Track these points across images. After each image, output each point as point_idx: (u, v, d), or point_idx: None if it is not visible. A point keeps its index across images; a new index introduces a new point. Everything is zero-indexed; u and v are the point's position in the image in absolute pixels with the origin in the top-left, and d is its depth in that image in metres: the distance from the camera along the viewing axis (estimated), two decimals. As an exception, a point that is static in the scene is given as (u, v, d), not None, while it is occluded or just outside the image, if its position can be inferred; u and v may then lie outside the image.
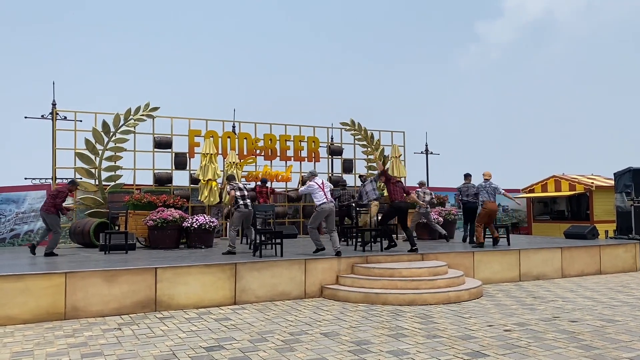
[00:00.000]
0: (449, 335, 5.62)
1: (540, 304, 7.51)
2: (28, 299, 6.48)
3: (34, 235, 12.92)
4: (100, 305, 6.82)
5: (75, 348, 5.21)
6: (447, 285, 8.01)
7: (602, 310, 7.02)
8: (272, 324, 6.27)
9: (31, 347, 5.28)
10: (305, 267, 8.16)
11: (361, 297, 7.65)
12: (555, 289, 9.01)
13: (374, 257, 8.77)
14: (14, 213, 12.71)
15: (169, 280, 7.24)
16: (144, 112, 13.44)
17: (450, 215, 13.32)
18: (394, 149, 16.20)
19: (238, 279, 7.68)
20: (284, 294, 7.95)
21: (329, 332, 5.78)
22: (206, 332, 5.85)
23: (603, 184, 17.75)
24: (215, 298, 7.49)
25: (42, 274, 6.69)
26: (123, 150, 13.25)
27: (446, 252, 9.44)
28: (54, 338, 5.65)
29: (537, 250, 10.34)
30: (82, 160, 12.87)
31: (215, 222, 11.27)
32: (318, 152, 15.73)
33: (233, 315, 6.80)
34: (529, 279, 10.06)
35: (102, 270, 6.98)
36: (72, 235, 11.99)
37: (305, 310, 7.08)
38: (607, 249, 11.29)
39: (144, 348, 5.18)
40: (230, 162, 13.88)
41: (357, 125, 16.21)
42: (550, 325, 6.13)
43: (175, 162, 13.85)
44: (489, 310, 7.03)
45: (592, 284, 9.62)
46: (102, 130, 12.96)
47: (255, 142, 14.83)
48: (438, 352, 4.96)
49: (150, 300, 7.10)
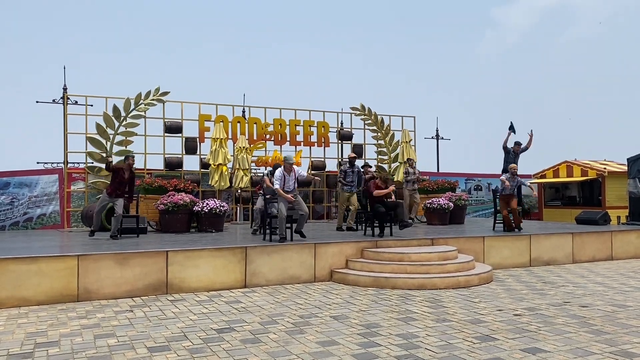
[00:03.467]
0: (458, 319, 5.63)
1: (551, 289, 7.49)
2: (42, 280, 6.57)
3: (47, 219, 13.06)
4: (113, 287, 6.90)
5: (89, 329, 5.28)
6: (457, 270, 8.01)
7: (614, 296, 6.98)
8: (282, 307, 6.31)
9: (45, 328, 5.37)
10: (315, 251, 8.19)
11: (370, 281, 7.67)
12: (566, 274, 8.98)
13: (383, 242, 8.78)
14: (27, 197, 12.83)
15: (180, 263, 7.30)
16: (154, 97, 13.44)
17: (460, 200, 13.26)
18: (404, 133, 16.10)
19: (248, 262, 7.72)
20: (294, 277, 7.99)
21: (339, 316, 5.82)
22: (217, 315, 5.90)
23: (616, 170, 17.55)
24: (226, 281, 7.55)
25: (56, 256, 6.77)
26: (134, 135, 13.28)
27: (456, 237, 9.42)
28: (67, 319, 5.73)
29: (547, 236, 10.29)
30: (93, 145, 12.93)
31: (225, 206, 11.32)
32: (328, 137, 15.68)
33: (243, 298, 6.85)
34: (539, 264, 10.02)
35: (114, 253, 7.05)
36: (84, 218, 12.10)
37: (315, 294, 7.12)
38: (619, 234, 11.20)
39: (156, 329, 5.25)
40: (240, 147, 13.88)
41: (367, 110, 16.11)
42: (561, 310, 6.12)
43: (186, 146, 13.88)
44: (498, 295, 7.02)
45: (604, 269, 9.57)
46: (112, 114, 13.00)
47: (265, 127, 14.80)
48: (447, 336, 4.97)
49: (161, 283, 7.18)
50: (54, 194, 13.15)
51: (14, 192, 12.75)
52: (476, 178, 19.82)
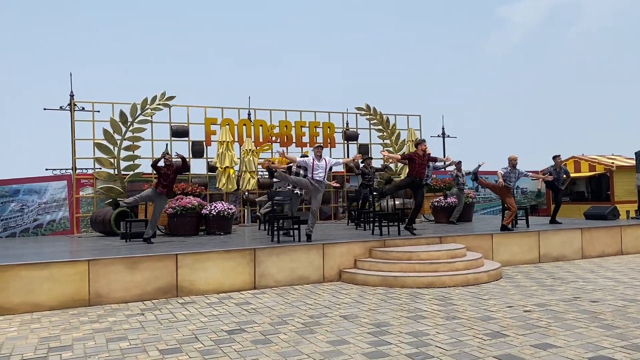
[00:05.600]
0: (468, 317, 5.63)
1: (561, 285, 7.47)
2: (53, 286, 6.63)
3: (56, 225, 13.16)
4: (123, 291, 6.95)
5: (101, 333, 5.33)
6: (466, 268, 8.00)
7: (624, 291, 6.96)
8: (292, 307, 6.34)
9: (58, 332, 5.42)
10: (323, 252, 8.21)
11: (379, 281, 7.68)
12: (576, 270, 8.95)
13: (391, 241, 8.79)
14: (37, 203, 12.94)
15: (189, 266, 7.35)
16: (160, 102, 13.54)
17: (468, 198, 13.23)
18: (409, 132, 16.12)
19: (257, 264, 7.75)
20: (303, 278, 8.01)
21: (349, 315, 5.83)
22: (227, 316, 5.94)
23: (624, 164, 17.46)
24: (235, 283, 7.59)
25: (67, 261, 6.83)
26: (141, 140, 13.39)
27: (464, 235, 9.41)
28: (79, 324, 5.78)
29: (556, 232, 10.26)
30: (101, 150, 13.04)
31: (233, 208, 11.37)
32: (334, 138, 15.73)
33: (253, 300, 6.89)
34: (548, 260, 10.00)
35: (123, 257, 7.10)
36: (93, 224, 12.19)
37: (324, 294, 7.14)
38: (629, 229, 11.15)
39: (167, 332, 5.29)
40: (247, 150, 13.94)
41: (373, 110, 16.13)
42: (571, 305, 6.10)
43: (193, 150, 13.97)
44: (508, 292, 7.01)
45: (613, 264, 9.52)
46: (119, 120, 13.10)
47: (271, 129, 14.86)
48: (457, 333, 4.98)
49: (171, 286, 7.22)
50: (63, 200, 13.25)
51: (24, 199, 12.86)
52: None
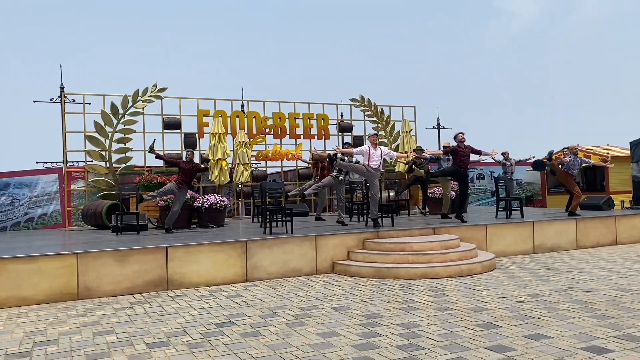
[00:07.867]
0: (460, 308, 5.57)
1: (554, 275, 7.42)
2: (41, 279, 6.53)
3: (48, 218, 13.04)
4: (113, 285, 6.86)
5: (88, 327, 5.24)
6: (460, 259, 7.94)
7: (618, 280, 6.91)
8: (283, 299, 6.26)
9: (44, 326, 5.33)
10: (316, 243, 8.13)
11: (372, 272, 7.62)
12: (570, 260, 8.91)
13: (385, 232, 8.72)
14: (28, 197, 12.82)
15: (180, 259, 7.26)
16: (152, 93, 13.40)
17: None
18: (404, 123, 16.03)
19: (249, 256, 7.67)
20: (295, 270, 7.94)
21: (340, 307, 5.76)
22: (217, 309, 5.86)
23: (619, 154, 17.42)
24: (226, 276, 7.51)
25: (54, 255, 6.73)
26: (132, 132, 13.26)
27: (458, 226, 9.35)
28: (67, 317, 5.70)
29: (551, 222, 10.21)
30: (92, 143, 12.91)
31: (226, 201, 11.28)
32: (328, 130, 15.62)
33: (244, 292, 6.81)
34: (543, 251, 9.95)
35: (113, 250, 7.00)
36: (85, 217, 12.08)
37: (317, 286, 7.07)
38: (623, 219, 11.12)
39: (155, 325, 5.21)
40: (240, 142, 13.83)
41: (367, 101, 16.03)
42: (564, 295, 6.05)
43: (185, 142, 13.84)
44: (501, 283, 6.96)
45: (608, 254, 9.49)
46: (110, 112, 12.96)
47: (264, 121, 14.74)
48: (449, 324, 4.91)
49: (162, 279, 7.13)
50: (54, 193, 13.13)
51: (15, 193, 12.74)
52: (478, 167, 19.72)
